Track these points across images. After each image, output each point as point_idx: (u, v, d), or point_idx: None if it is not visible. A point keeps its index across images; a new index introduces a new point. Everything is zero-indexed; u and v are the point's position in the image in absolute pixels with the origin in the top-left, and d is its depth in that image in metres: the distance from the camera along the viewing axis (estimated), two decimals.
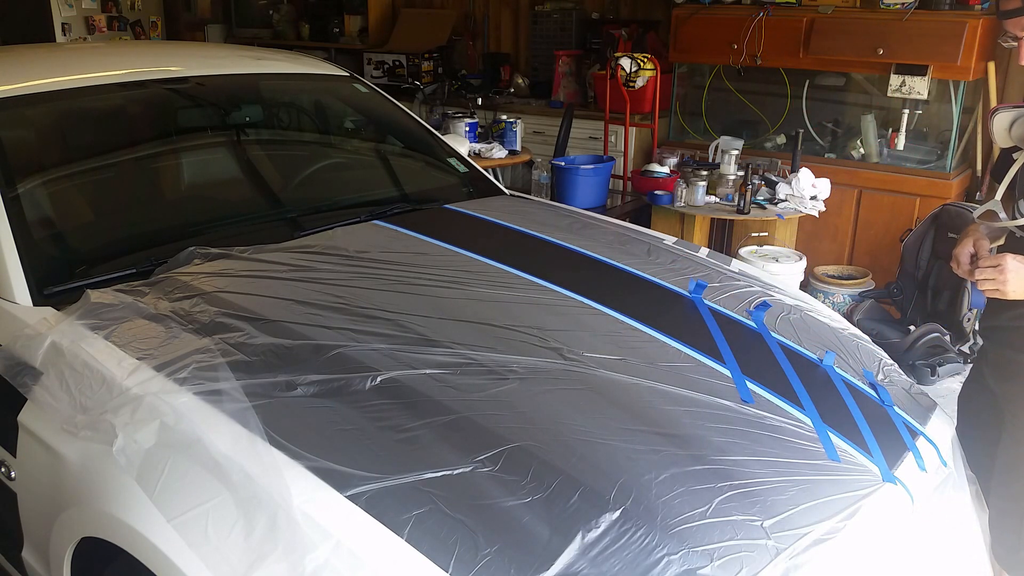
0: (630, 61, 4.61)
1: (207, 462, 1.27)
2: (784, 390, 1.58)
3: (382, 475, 1.22)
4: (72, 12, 6.63)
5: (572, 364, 1.57)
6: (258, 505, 1.20)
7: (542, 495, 1.22)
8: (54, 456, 1.48)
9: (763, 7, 4.36)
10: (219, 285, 1.76)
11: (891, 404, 1.66)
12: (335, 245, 2.03)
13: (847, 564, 1.27)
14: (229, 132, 2.64)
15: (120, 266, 1.88)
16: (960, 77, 4.03)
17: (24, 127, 2.18)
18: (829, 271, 4.24)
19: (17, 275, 1.75)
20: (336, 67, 2.99)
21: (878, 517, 1.35)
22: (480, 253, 2.05)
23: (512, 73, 6.06)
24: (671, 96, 4.96)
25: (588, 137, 5.25)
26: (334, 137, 3.10)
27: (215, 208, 2.36)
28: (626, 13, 5.57)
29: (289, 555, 1.14)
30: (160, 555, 1.25)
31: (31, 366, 1.55)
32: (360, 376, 1.44)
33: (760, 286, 2.12)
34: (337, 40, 6.78)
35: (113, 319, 1.61)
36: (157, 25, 7.33)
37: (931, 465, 1.56)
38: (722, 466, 1.34)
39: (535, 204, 2.69)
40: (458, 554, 1.11)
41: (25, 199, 1.92)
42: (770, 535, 1.22)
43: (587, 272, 2.05)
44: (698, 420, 1.46)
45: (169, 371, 1.44)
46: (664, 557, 1.15)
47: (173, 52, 2.87)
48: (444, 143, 2.93)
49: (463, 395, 1.44)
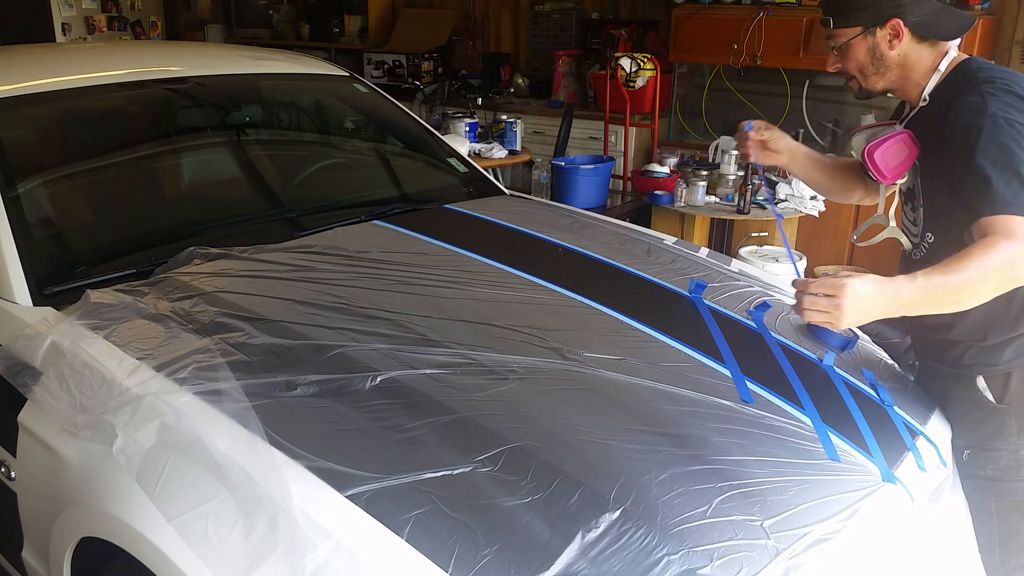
0: (630, 61, 4.61)
1: (207, 462, 1.27)
2: (784, 390, 1.58)
3: (382, 475, 1.22)
4: (72, 12, 6.63)
5: (572, 364, 1.57)
6: (258, 505, 1.20)
7: (542, 495, 1.22)
8: (54, 456, 1.48)
9: (763, 7, 4.36)
10: (219, 285, 1.76)
11: (891, 404, 1.66)
12: (335, 245, 2.03)
13: (847, 564, 1.27)
14: (229, 132, 2.64)
15: (120, 266, 1.88)
16: None
17: (24, 127, 2.18)
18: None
19: (17, 275, 1.75)
20: (336, 67, 2.99)
21: (878, 517, 1.35)
22: (480, 253, 2.05)
23: (512, 73, 6.06)
24: (671, 96, 4.97)
25: (588, 137, 5.25)
26: (334, 137, 3.10)
27: (215, 208, 2.36)
28: (626, 13, 5.57)
29: (289, 555, 1.14)
30: (160, 555, 1.24)
31: (31, 366, 1.54)
32: (360, 376, 1.44)
33: (760, 286, 2.12)
34: (337, 40, 6.78)
35: (113, 319, 1.61)
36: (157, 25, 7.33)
37: (931, 465, 1.56)
38: (722, 466, 1.34)
39: (535, 204, 2.69)
40: (458, 554, 1.11)
41: (25, 199, 1.92)
42: (770, 535, 1.22)
43: (587, 272, 2.05)
44: (698, 420, 1.46)
45: (169, 371, 1.44)
46: (664, 557, 1.15)
47: (173, 52, 2.88)
48: (444, 143, 2.93)
49: (463, 395, 1.44)
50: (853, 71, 1.70)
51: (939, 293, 1.42)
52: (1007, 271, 1.41)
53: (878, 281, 1.42)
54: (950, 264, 1.43)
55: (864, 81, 1.70)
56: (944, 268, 1.43)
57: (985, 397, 1.67)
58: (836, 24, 1.66)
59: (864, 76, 1.69)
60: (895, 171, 1.68)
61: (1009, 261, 1.40)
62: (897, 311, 1.44)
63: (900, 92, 1.71)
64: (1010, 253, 1.40)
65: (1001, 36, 4.25)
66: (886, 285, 1.42)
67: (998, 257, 1.40)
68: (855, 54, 1.66)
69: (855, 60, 1.67)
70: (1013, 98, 1.51)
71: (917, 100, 1.68)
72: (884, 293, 1.42)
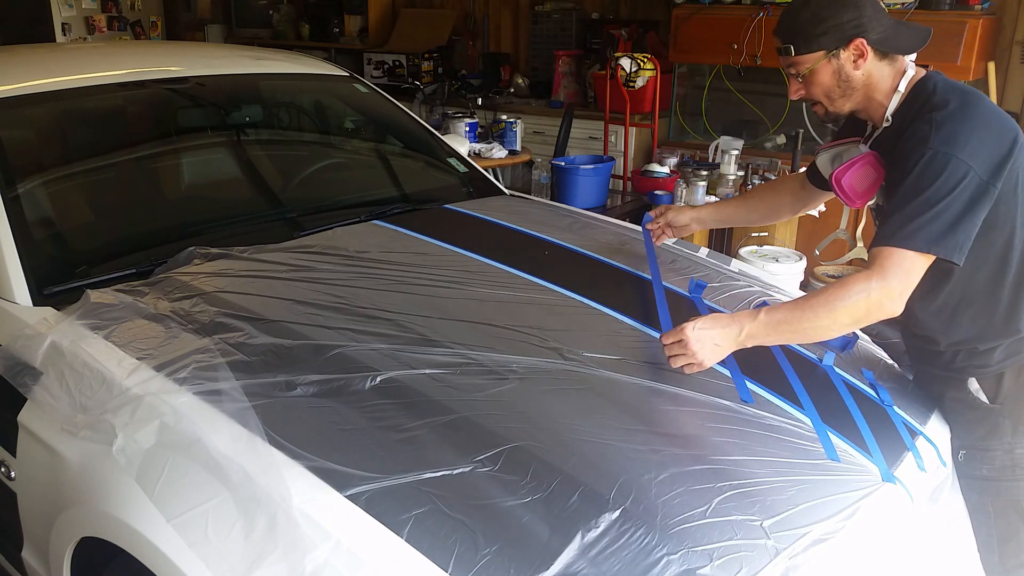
0: (630, 61, 4.61)
1: (207, 462, 1.27)
2: (784, 390, 1.58)
3: (382, 475, 1.22)
4: (72, 12, 6.63)
5: (572, 364, 1.57)
6: (258, 505, 1.20)
7: (542, 495, 1.22)
8: (54, 456, 1.48)
9: (763, 7, 4.36)
10: (219, 285, 1.76)
11: (891, 404, 1.66)
12: (335, 245, 2.03)
13: (846, 564, 1.27)
14: (229, 132, 2.64)
15: (120, 266, 1.88)
16: (960, 77, 4.02)
17: (24, 127, 2.18)
18: (829, 271, 4.24)
19: (17, 275, 1.75)
20: (336, 67, 2.99)
21: (877, 517, 1.35)
22: (480, 253, 2.05)
23: (512, 73, 6.06)
24: (671, 96, 4.97)
25: (588, 137, 5.25)
26: (334, 137, 3.10)
27: (215, 208, 2.36)
28: (626, 13, 5.57)
29: (289, 555, 1.14)
30: (160, 555, 1.25)
31: (31, 366, 1.54)
32: (360, 376, 1.44)
33: (760, 286, 2.12)
34: (337, 40, 6.78)
35: (113, 319, 1.61)
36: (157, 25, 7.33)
37: (930, 465, 1.56)
38: (722, 466, 1.34)
39: (535, 204, 2.69)
40: (457, 554, 1.11)
41: (25, 199, 1.92)
42: (769, 535, 1.22)
43: (587, 272, 2.05)
44: (698, 420, 1.46)
45: (169, 371, 1.44)
46: (664, 557, 1.15)
47: (173, 52, 2.87)
48: (444, 143, 2.93)
49: (463, 395, 1.44)
50: (819, 96, 1.69)
51: (781, 328, 1.54)
52: (861, 304, 1.49)
53: (717, 318, 1.57)
54: (800, 301, 1.56)
55: (831, 105, 1.70)
56: (792, 305, 1.55)
57: (978, 398, 1.68)
58: (798, 52, 1.64)
59: (831, 100, 1.69)
60: (864, 196, 1.70)
61: (864, 296, 1.49)
62: (744, 343, 1.56)
63: (865, 113, 1.72)
64: (867, 288, 1.48)
65: (1001, 36, 4.25)
66: (725, 320, 1.56)
67: (853, 294, 1.49)
68: (820, 79, 1.66)
69: (821, 85, 1.67)
70: (960, 126, 1.52)
71: (881, 120, 1.68)
72: (724, 326, 1.55)
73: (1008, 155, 1.52)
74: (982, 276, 1.61)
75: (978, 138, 1.50)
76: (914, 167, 1.51)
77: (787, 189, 2.03)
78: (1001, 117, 1.57)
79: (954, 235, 1.47)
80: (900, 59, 1.66)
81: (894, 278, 1.48)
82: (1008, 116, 1.61)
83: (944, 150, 1.49)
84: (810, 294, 1.56)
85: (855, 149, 1.73)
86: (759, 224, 2.15)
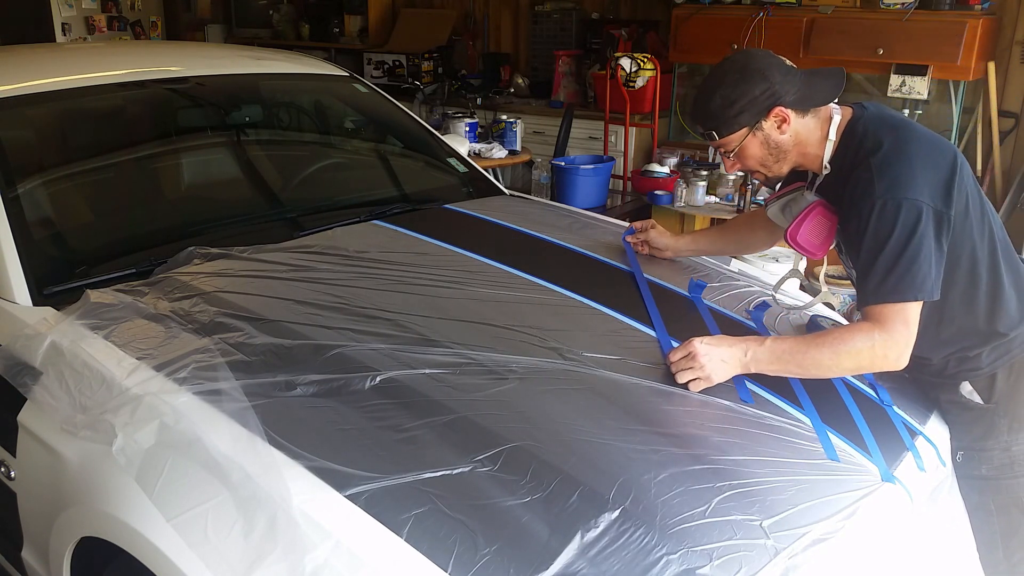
0: (630, 61, 4.62)
1: (207, 462, 1.27)
2: (783, 390, 1.58)
3: (381, 475, 1.22)
4: (72, 12, 6.64)
5: (572, 364, 1.57)
6: (258, 505, 1.20)
7: (541, 495, 1.22)
8: (54, 456, 1.48)
9: (763, 7, 4.36)
10: (219, 285, 1.76)
11: (890, 404, 1.66)
12: (335, 245, 2.03)
13: (846, 564, 1.27)
14: (229, 132, 2.64)
15: (120, 266, 1.88)
16: (960, 77, 4.03)
17: (24, 127, 2.18)
18: (829, 271, 4.24)
19: (17, 275, 1.75)
20: (336, 67, 2.99)
21: (877, 517, 1.35)
22: (480, 253, 2.05)
23: (512, 73, 6.06)
24: (671, 96, 4.97)
25: (588, 137, 5.25)
26: (334, 137, 3.10)
27: (215, 208, 2.36)
28: (626, 13, 5.58)
29: (289, 555, 1.14)
30: (160, 555, 1.25)
31: (31, 366, 1.55)
32: (360, 376, 1.44)
33: (760, 286, 2.12)
34: (337, 40, 6.78)
35: (113, 319, 1.61)
36: (157, 25, 7.34)
37: (930, 465, 1.56)
38: (721, 466, 1.34)
39: (535, 204, 2.69)
40: (457, 554, 1.11)
41: (25, 199, 1.92)
42: (769, 535, 1.22)
43: (587, 272, 2.05)
44: (698, 420, 1.46)
45: (169, 371, 1.44)
46: (663, 557, 1.15)
47: (173, 52, 2.88)
48: (444, 143, 2.93)
49: (462, 395, 1.44)
50: (755, 167, 1.72)
51: (784, 359, 1.56)
52: (865, 354, 1.53)
53: (723, 338, 1.59)
54: (807, 337, 1.58)
55: (768, 171, 1.72)
56: (799, 339, 1.58)
57: (972, 400, 1.69)
58: (721, 135, 1.67)
59: (767, 167, 1.71)
60: (822, 247, 1.73)
61: (869, 346, 1.52)
62: (747, 366, 1.56)
63: (803, 166, 1.73)
64: (871, 339, 1.52)
65: (1001, 36, 4.25)
66: (731, 340, 1.58)
67: (858, 342, 1.53)
68: (751, 152, 1.68)
69: (753, 157, 1.69)
70: (900, 166, 1.53)
71: (820, 169, 1.70)
72: (730, 346, 1.56)
73: (952, 177, 1.55)
74: (955, 296, 1.63)
75: (920, 172, 1.53)
76: (868, 221, 1.53)
77: (760, 224, 2.05)
78: (936, 142, 1.59)
79: (931, 273, 1.51)
80: (823, 107, 1.67)
81: (896, 332, 1.52)
82: (942, 138, 1.63)
83: (891, 196, 1.51)
84: (817, 333, 1.59)
85: (802, 199, 1.75)
86: (738, 255, 2.19)
